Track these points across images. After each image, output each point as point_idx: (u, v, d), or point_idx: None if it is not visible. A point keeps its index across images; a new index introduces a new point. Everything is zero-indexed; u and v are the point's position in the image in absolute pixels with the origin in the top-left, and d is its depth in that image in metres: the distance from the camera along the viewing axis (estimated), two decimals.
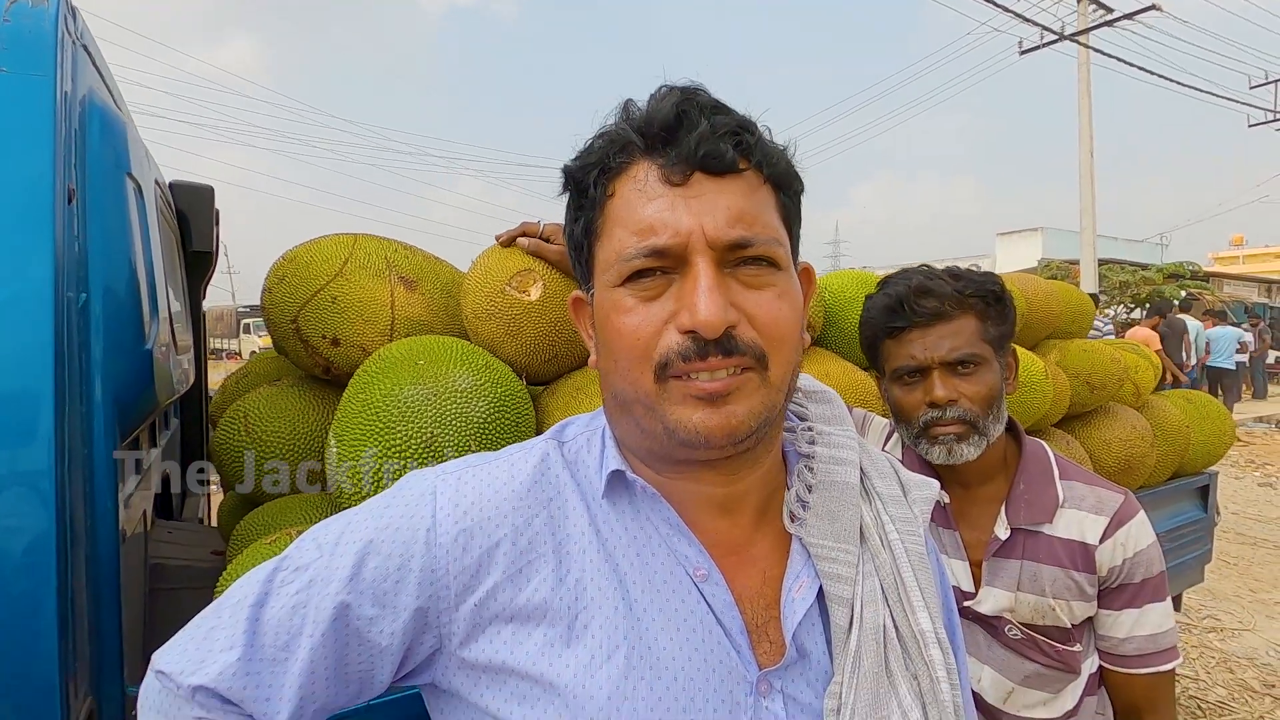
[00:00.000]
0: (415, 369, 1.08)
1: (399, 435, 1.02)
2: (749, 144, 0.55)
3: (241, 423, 1.29)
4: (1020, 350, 1.75)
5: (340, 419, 1.09)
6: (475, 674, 0.56)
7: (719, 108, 0.56)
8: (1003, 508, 1.08)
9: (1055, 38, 12.54)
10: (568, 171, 0.60)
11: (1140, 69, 13.17)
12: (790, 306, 0.56)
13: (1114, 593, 1.05)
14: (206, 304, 2.42)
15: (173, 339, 1.36)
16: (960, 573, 1.09)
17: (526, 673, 0.55)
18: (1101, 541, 1.04)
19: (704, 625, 0.56)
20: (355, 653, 0.57)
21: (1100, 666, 1.09)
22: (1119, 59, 13.09)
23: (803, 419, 0.65)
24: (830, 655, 0.57)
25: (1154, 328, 8.96)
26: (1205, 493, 2.59)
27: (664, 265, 0.54)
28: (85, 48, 1.05)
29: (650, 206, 0.54)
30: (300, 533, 1.15)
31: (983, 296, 1.05)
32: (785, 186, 0.59)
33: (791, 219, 0.60)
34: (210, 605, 0.61)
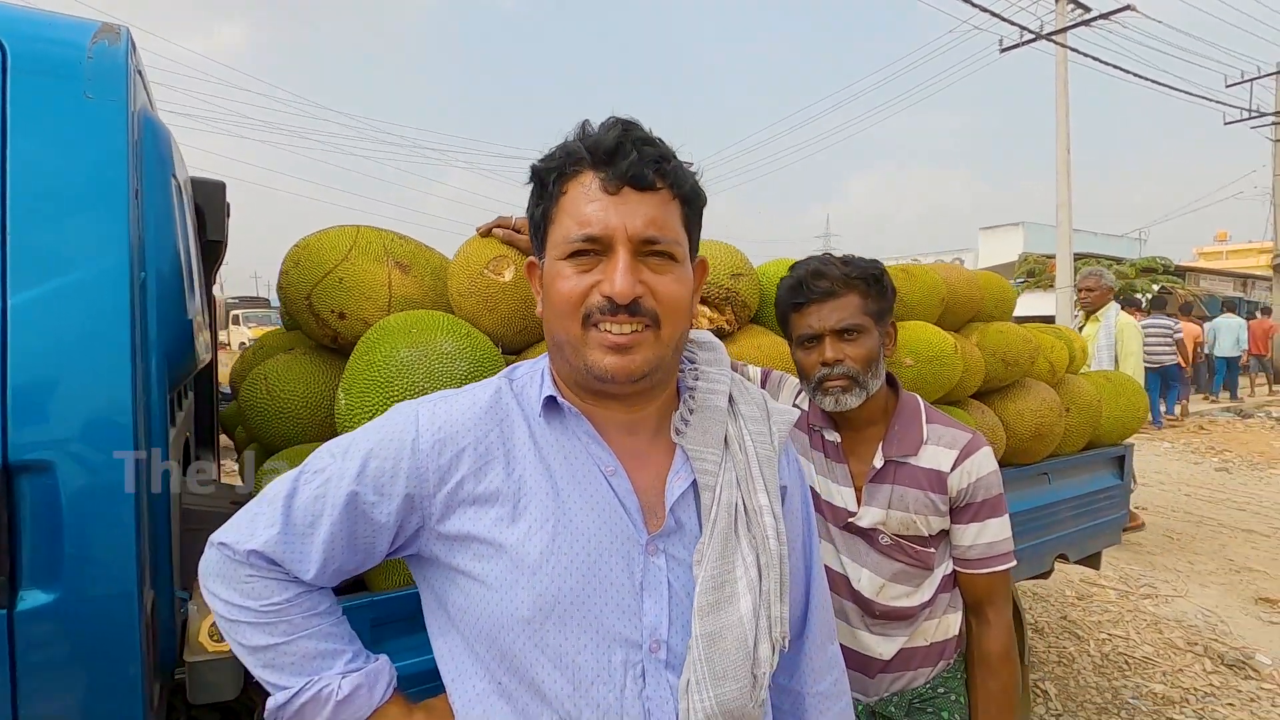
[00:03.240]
0: (409, 336, 1.33)
1: (395, 388, 1.27)
2: (665, 170, 0.79)
3: (263, 384, 1.54)
4: (932, 328, 2.03)
5: (348, 377, 1.34)
6: (448, 542, 0.80)
7: (648, 140, 0.79)
8: (880, 444, 1.34)
9: (1033, 36, 12.83)
10: (535, 170, 0.82)
11: (1117, 68, 13.50)
12: (683, 288, 0.80)
13: (962, 510, 1.32)
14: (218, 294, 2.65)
15: (201, 314, 1.60)
16: (848, 496, 1.35)
17: (484, 539, 0.77)
18: (952, 469, 1.30)
19: (610, 506, 0.79)
20: (362, 528, 0.80)
21: (954, 569, 1.36)
22: (1096, 58, 13.41)
23: (693, 363, 0.91)
24: (700, 526, 0.82)
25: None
26: (1121, 462, 2.88)
27: (596, 249, 0.77)
28: (140, 73, 1.29)
29: (590, 206, 0.77)
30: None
31: (864, 278, 1.31)
32: (690, 202, 0.83)
33: (692, 225, 0.84)
34: (251, 500, 0.86)
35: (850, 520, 1.35)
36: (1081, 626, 3.83)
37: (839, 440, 1.38)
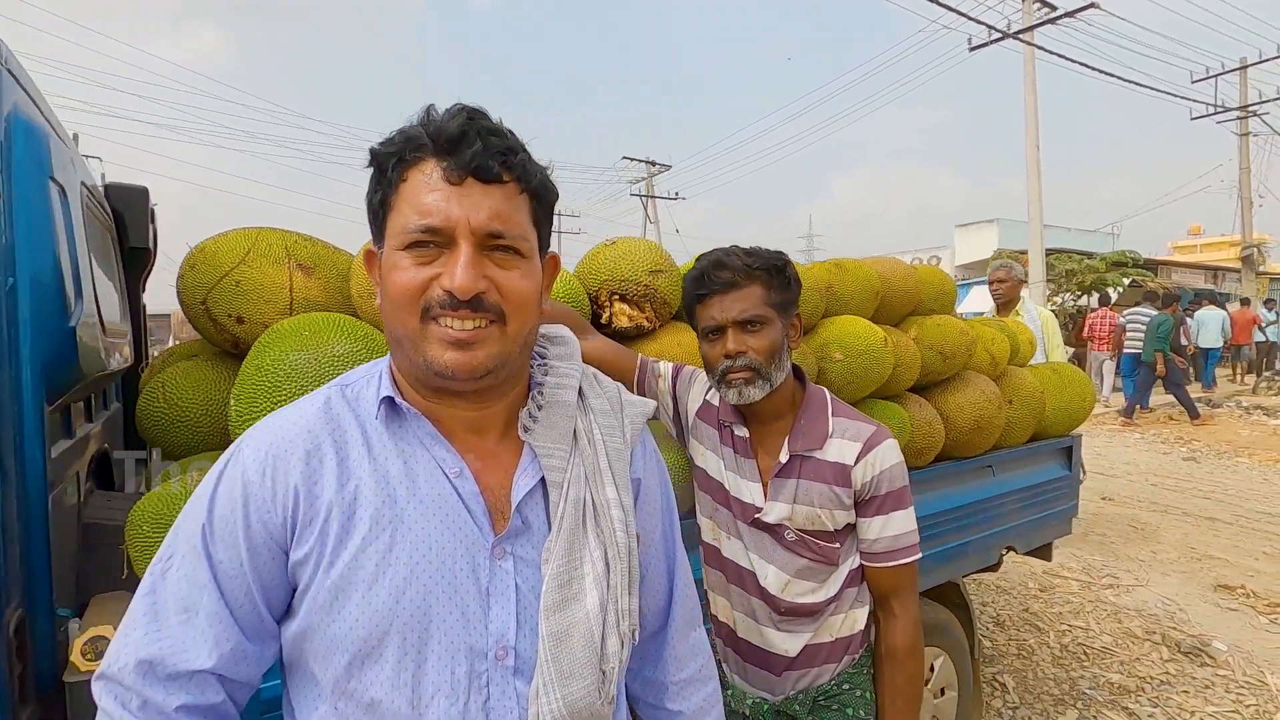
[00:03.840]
0: (300, 339, 1.29)
1: (284, 393, 1.23)
2: (512, 163, 0.74)
3: (160, 392, 1.49)
4: (863, 322, 2.01)
5: (239, 383, 1.30)
6: (301, 563, 0.74)
7: (496, 131, 0.74)
8: (786, 438, 1.32)
9: (1001, 35, 12.97)
10: (374, 153, 0.75)
11: (1084, 65, 13.68)
12: (530, 283, 0.77)
13: (866, 503, 1.30)
14: (172, 306, 2.59)
15: (100, 321, 1.55)
16: (755, 492, 1.33)
17: (318, 559, 0.73)
18: (856, 462, 1.29)
19: (454, 510, 0.76)
20: (234, 593, 0.73)
21: (860, 563, 1.34)
22: (1063, 56, 13.58)
23: (543, 358, 0.87)
24: (549, 524, 0.79)
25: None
26: (1069, 453, 2.89)
27: (437, 240, 0.72)
28: (11, 72, 1.24)
29: (431, 195, 0.72)
30: (192, 468, 1.36)
31: (767, 269, 1.29)
32: (539, 197, 0.78)
33: (541, 221, 0.79)
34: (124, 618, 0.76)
35: (757, 516, 1.33)
36: (1042, 618, 3.84)
37: (747, 435, 1.36)
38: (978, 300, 17.13)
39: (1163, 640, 3.58)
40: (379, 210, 0.77)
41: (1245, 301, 15.75)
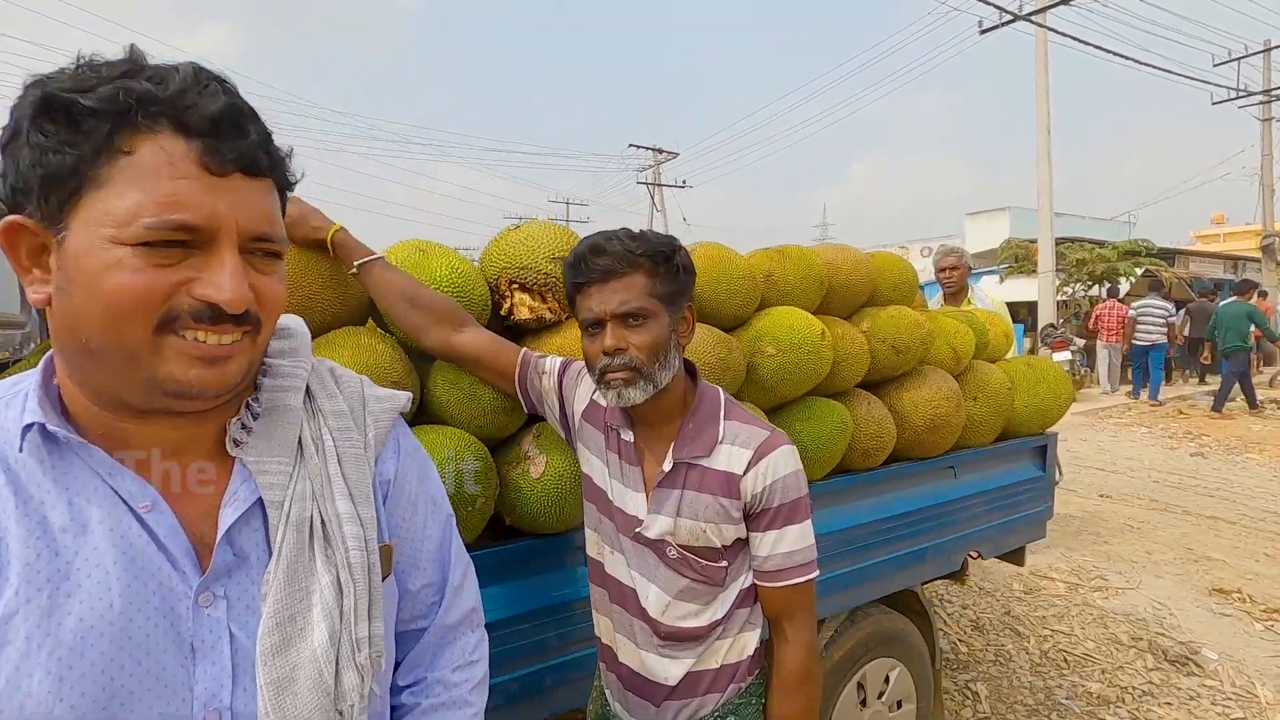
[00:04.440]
0: None
1: None
2: (273, 154, 0.65)
3: None
4: (798, 313, 1.87)
5: None
6: None
7: (254, 113, 0.64)
8: (672, 444, 1.19)
9: (1012, 18, 12.60)
10: (57, 97, 0.57)
11: (1099, 48, 13.27)
12: (284, 287, 0.68)
13: (758, 516, 1.16)
14: None
15: None
16: (638, 503, 1.20)
17: None
18: (746, 471, 1.15)
19: (144, 553, 0.62)
20: None
21: (752, 581, 1.21)
22: (1077, 39, 13.19)
23: (263, 356, 0.72)
24: (270, 552, 0.66)
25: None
26: (1044, 453, 2.73)
27: (188, 240, 0.59)
28: None
29: (181, 184, 0.58)
30: None
31: (652, 256, 1.15)
32: (287, 188, 0.69)
33: (283, 209, 0.69)
34: None
35: (638, 530, 1.19)
36: (1024, 622, 3.69)
37: (633, 440, 1.23)
38: (986, 290, 16.83)
39: (1149, 647, 3.42)
40: (64, 177, 0.58)
41: (1263, 294, 15.31)
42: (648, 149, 27.97)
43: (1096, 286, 13.59)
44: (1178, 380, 13.20)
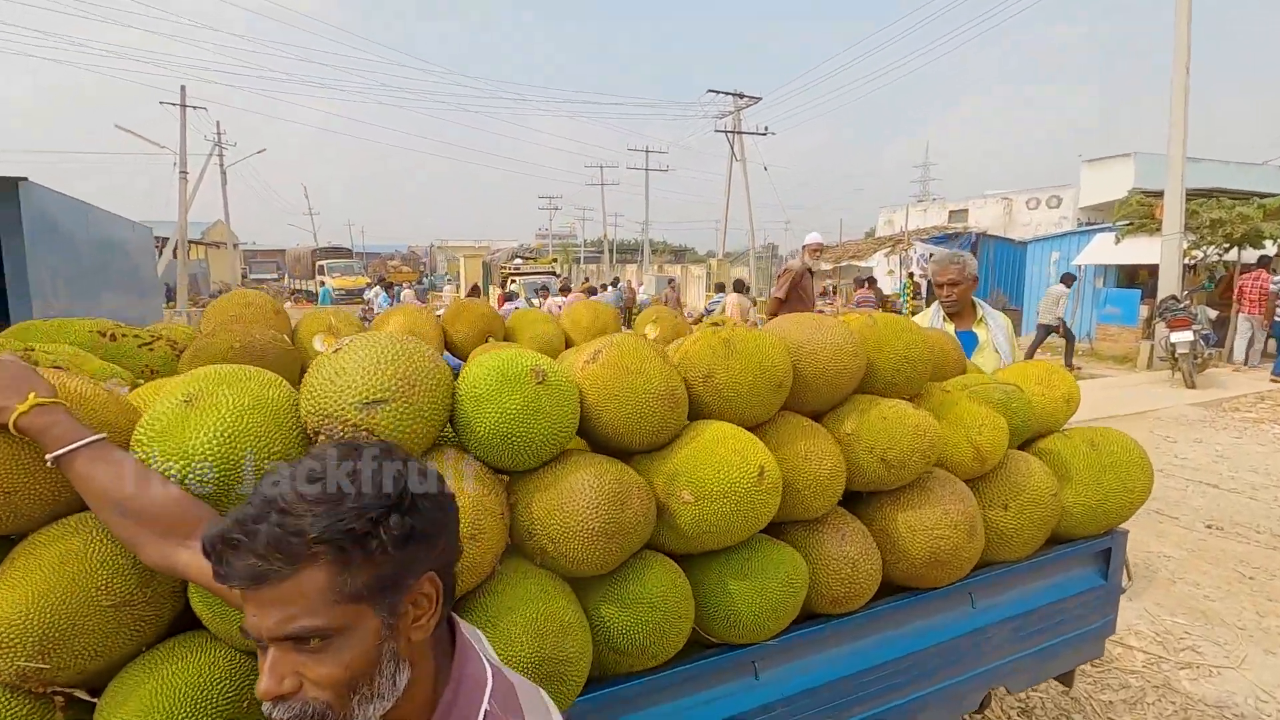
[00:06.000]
0: None
1: None
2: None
3: None
4: (735, 439, 1.41)
5: None
6: None
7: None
8: None
9: None
10: None
11: None
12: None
13: None
14: (287, 243, 2.31)
15: None
16: None
17: None
18: None
19: None
20: None
21: None
22: None
23: None
24: None
25: None
26: (1107, 556, 2.15)
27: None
28: None
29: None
30: None
31: (339, 540, 0.73)
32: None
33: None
34: None
35: None
36: (1086, 708, 3.11)
37: None
38: (1098, 250, 14.96)
39: None
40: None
41: None
42: (728, 94, 26.53)
43: (1234, 250, 11.72)
44: None
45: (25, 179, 5.58)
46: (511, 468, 1.33)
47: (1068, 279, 12.02)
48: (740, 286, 14.27)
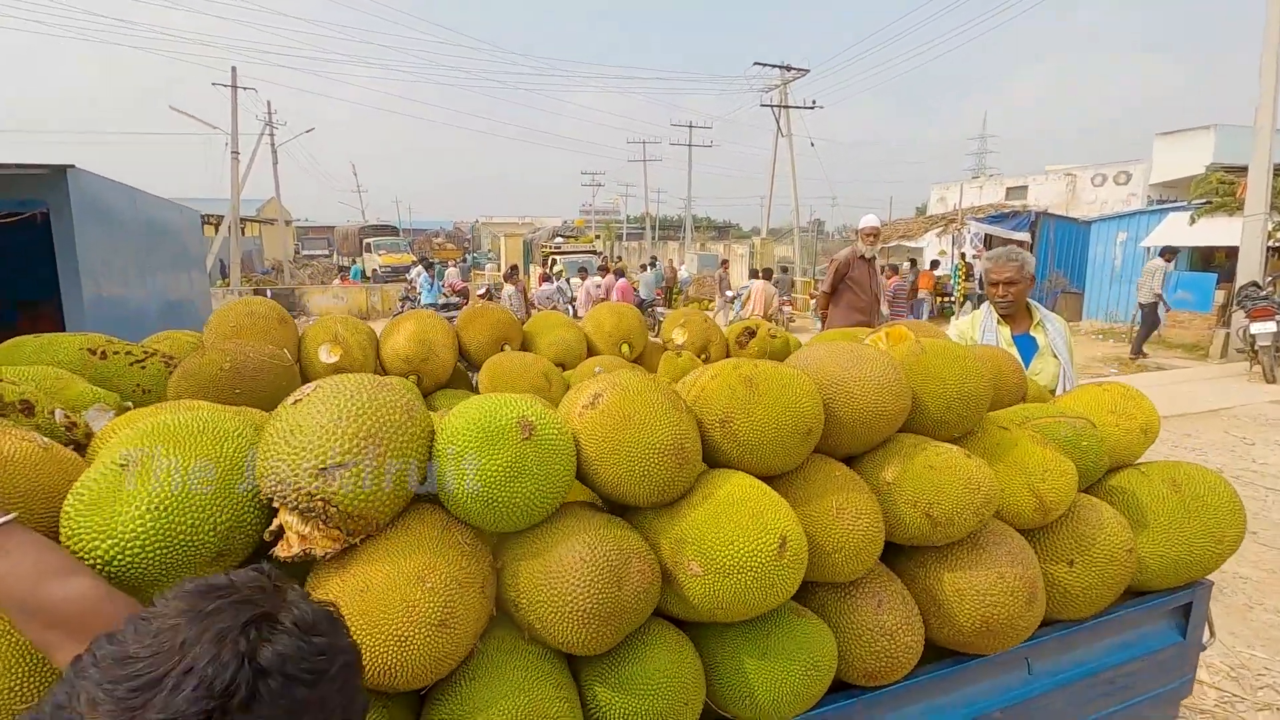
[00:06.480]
0: None
1: None
2: None
3: None
4: (753, 503, 1.22)
5: None
6: None
7: None
8: None
9: None
10: None
11: None
12: None
13: None
14: (336, 220, 2.27)
15: None
16: None
17: None
18: None
19: None
20: None
21: None
22: None
23: None
24: None
25: None
26: (1186, 612, 1.90)
27: None
28: None
29: None
30: None
31: None
32: None
33: None
34: None
35: None
36: None
37: None
38: (1170, 231, 13.93)
39: None
40: None
41: None
42: (775, 66, 25.67)
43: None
44: None
45: (73, 166, 5.68)
46: (496, 530, 1.18)
47: (1168, 253, 11.26)
48: (769, 274, 13.83)
